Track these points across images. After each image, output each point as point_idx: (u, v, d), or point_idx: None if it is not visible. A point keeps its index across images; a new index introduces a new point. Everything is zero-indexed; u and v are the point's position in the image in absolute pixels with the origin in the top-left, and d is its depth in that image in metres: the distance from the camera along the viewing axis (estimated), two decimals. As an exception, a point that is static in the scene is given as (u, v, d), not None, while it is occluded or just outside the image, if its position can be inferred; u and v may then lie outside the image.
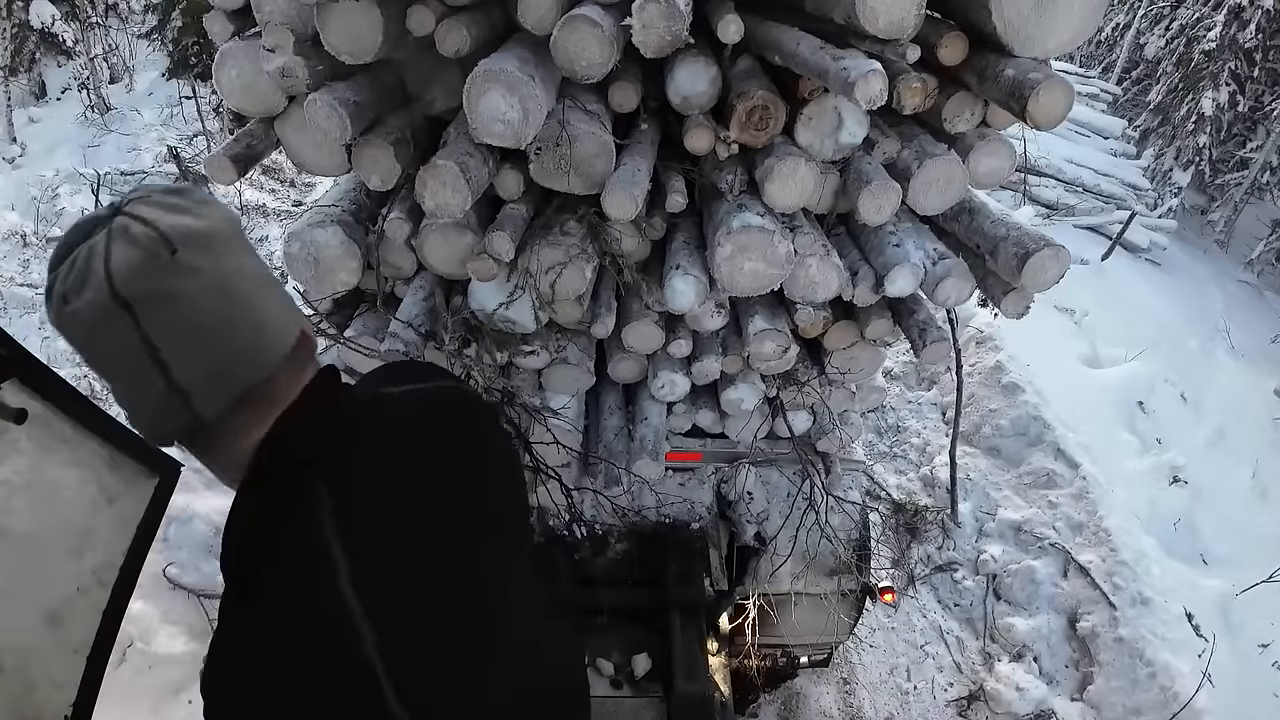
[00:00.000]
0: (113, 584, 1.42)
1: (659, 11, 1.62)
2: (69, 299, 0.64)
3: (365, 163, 1.87)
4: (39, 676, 1.29)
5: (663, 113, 2.07)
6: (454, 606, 0.80)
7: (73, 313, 0.64)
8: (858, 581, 2.88)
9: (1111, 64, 13.49)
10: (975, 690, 3.85)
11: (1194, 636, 3.99)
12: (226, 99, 2.02)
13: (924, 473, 5.10)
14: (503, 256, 1.97)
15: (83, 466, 1.37)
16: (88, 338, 0.66)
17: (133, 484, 1.48)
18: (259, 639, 0.70)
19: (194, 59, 7.71)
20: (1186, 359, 6.99)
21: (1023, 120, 1.70)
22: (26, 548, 1.28)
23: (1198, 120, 10.48)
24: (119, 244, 0.64)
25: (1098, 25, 1.69)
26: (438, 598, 0.78)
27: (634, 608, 2.72)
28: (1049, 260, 1.92)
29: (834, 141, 1.92)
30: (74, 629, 1.36)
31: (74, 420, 1.34)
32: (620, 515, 2.76)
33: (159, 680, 3.13)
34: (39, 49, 9.73)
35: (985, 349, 5.83)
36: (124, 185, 7.49)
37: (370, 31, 1.71)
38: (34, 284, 5.96)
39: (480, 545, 0.89)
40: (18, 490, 1.26)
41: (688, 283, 1.99)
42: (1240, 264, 10.58)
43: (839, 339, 2.41)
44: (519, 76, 1.60)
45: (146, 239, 0.65)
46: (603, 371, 2.48)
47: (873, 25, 1.60)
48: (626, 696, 2.51)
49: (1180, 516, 5.08)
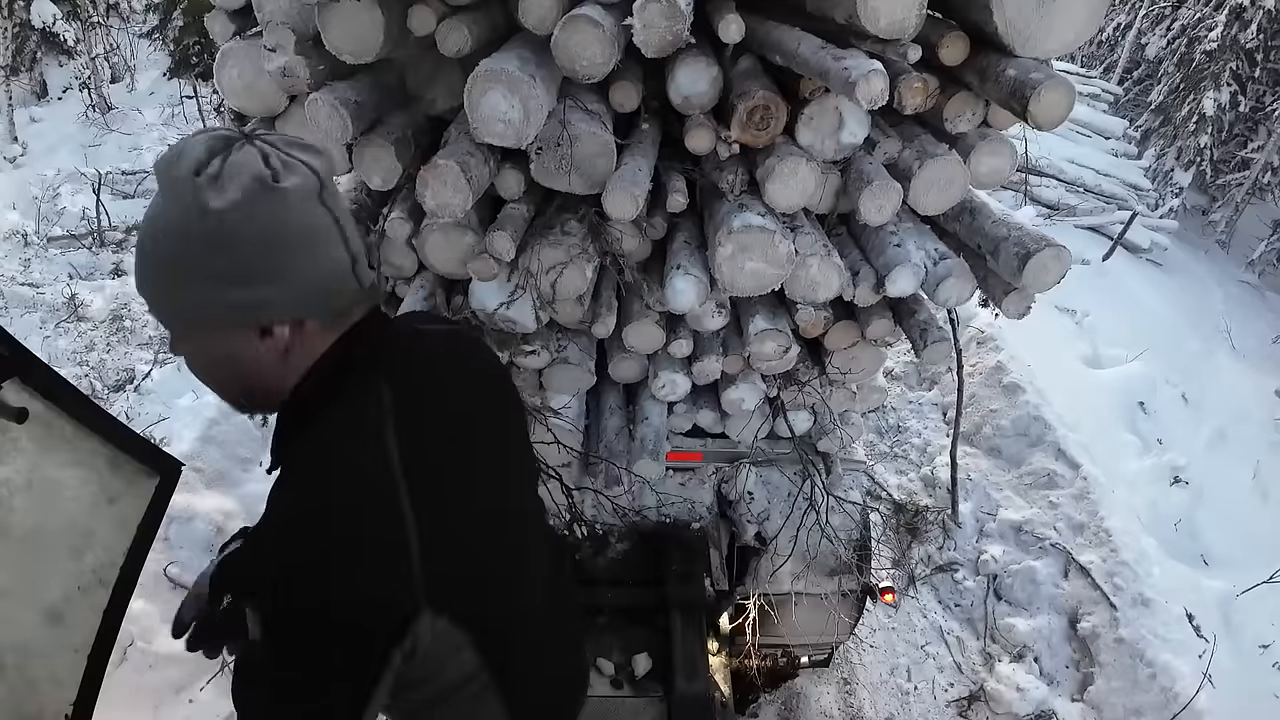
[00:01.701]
0: (113, 583, 1.42)
1: (660, 11, 1.62)
2: (279, 178, 0.75)
3: (366, 162, 1.87)
4: (39, 675, 1.29)
5: (664, 112, 2.07)
6: (495, 504, 0.93)
7: (285, 191, 0.75)
8: (858, 581, 2.87)
9: (1113, 64, 13.47)
10: (976, 690, 3.84)
11: (1195, 637, 3.98)
12: (228, 98, 2.02)
13: (925, 473, 5.09)
14: (503, 256, 1.97)
15: (83, 466, 1.37)
16: (289, 214, 0.76)
17: (133, 483, 1.48)
18: (304, 497, 0.78)
19: (195, 58, 7.72)
20: (1188, 359, 6.98)
21: (1024, 120, 1.70)
22: (27, 547, 1.29)
23: (1199, 120, 10.46)
24: (300, 150, 0.79)
25: (1099, 25, 1.69)
26: (483, 496, 0.91)
27: (634, 607, 2.71)
28: (1050, 260, 1.91)
29: (835, 141, 1.92)
30: (75, 628, 1.36)
31: (75, 420, 1.34)
32: (621, 515, 2.76)
33: (160, 679, 3.13)
34: (40, 48, 9.73)
35: (986, 349, 5.82)
36: (125, 185, 7.50)
37: (371, 31, 1.71)
38: (35, 283, 5.97)
39: (514, 460, 1.05)
40: (18, 489, 1.26)
41: (689, 282, 1.99)
42: (1241, 264, 10.56)
43: (840, 339, 2.41)
44: (520, 76, 1.60)
45: (321, 148, 0.82)
46: (603, 371, 2.48)
47: (874, 25, 1.60)
48: (626, 696, 2.51)
49: (1181, 517, 5.07)
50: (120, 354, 5.39)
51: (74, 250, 6.59)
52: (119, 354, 5.39)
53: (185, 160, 0.73)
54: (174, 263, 0.75)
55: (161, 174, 0.75)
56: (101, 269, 6.45)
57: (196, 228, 0.72)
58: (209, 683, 3.13)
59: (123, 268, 6.44)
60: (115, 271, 6.40)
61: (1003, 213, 2.10)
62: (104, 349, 5.41)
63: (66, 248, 6.61)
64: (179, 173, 0.73)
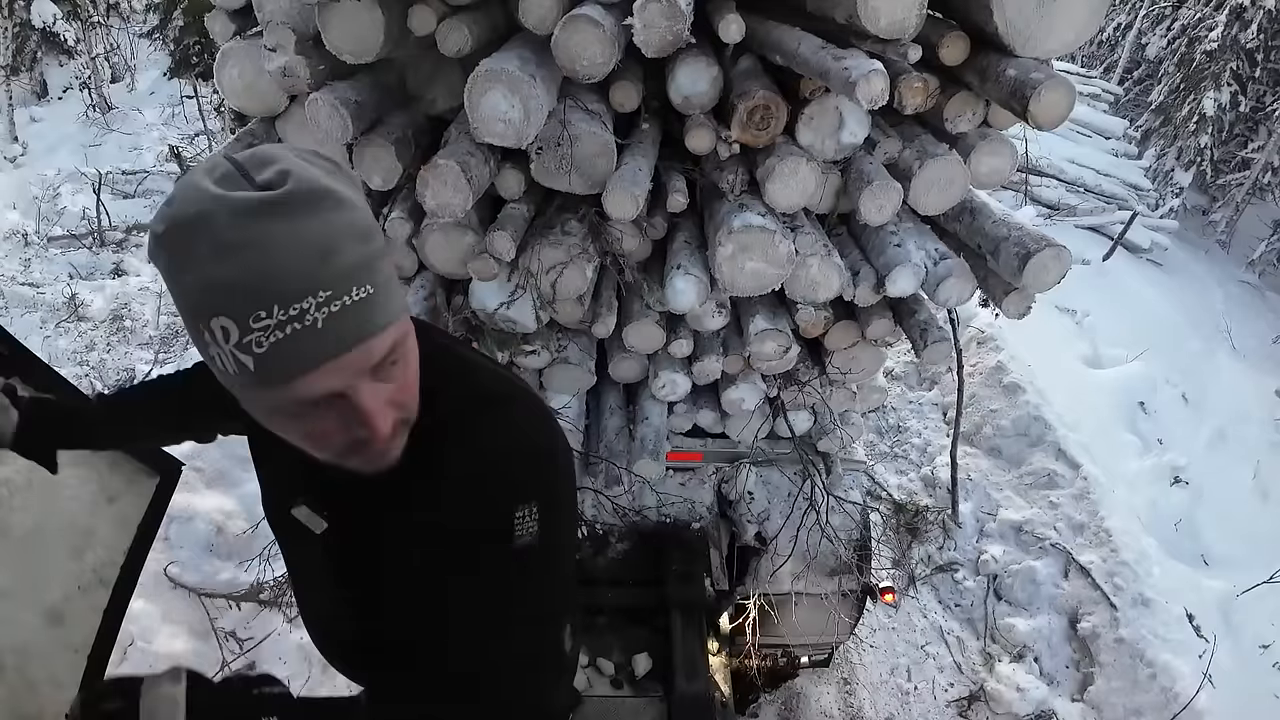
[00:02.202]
0: (114, 583, 1.42)
1: (660, 11, 1.62)
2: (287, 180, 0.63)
3: (366, 162, 1.87)
4: (39, 675, 1.29)
5: (664, 112, 2.07)
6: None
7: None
8: (858, 581, 2.87)
9: (1113, 64, 13.47)
10: (976, 691, 3.84)
11: (1195, 637, 3.98)
12: (228, 98, 2.03)
13: (925, 473, 5.09)
14: (504, 256, 1.97)
15: (84, 466, 1.37)
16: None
17: (134, 483, 1.48)
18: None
19: (195, 58, 7.72)
20: (1188, 359, 6.98)
21: (1024, 120, 1.70)
22: (27, 547, 1.29)
23: (1199, 120, 10.46)
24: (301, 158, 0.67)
25: (1099, 25, 1.69)
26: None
27: (634, 607, 2.71)
28: (1050, 260, 1.91)
29: (835, 141, 1.92)
30: (75, 628, 1.36)
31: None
32: (621, 515, 2.76)
33: (160, 679, 3.13)
34: (40, 48, 9.74)
35: (986, 349, 5.82)
36: (125, 184, 7.50)
37: (372, 31, 1.71)
38: (35, 283, 5.96)
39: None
40: (19, 489, 1.26)
41: (689, 282, 1.99)
42: (1242, 264, 10.57)
43: (840, 339, 2.41)
44: (520, 76, 1.60)
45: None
46: (603, 371, 2.48)
47: (874, 25, 1.60)
48: (626, 696, 2.51)
49: (1181, 517, 5.07)
50: (120, 354, 5.38)
51: (74, 250, 6.59)
52: (119, 354, 5.38)
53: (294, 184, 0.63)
54: (366, 242, 0.66)
55: (306, 192, 0.63)
56: (102, 269, 6.45)
57: (356, 216, 0.66)
58: (209, 682, 3.13)
59: (123, 267, 6.44)
60: (116, 271, 6.40)
61: (1003, 213, 2.10)
62: (104, 349, 5.41)
63: (67, 247, 6.61)
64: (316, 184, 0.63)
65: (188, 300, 0.62)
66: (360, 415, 0.69)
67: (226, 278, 0.60)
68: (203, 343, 0.63)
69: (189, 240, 0.61)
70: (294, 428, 0.70)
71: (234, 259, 0.59)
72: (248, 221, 0.60)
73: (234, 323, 0.60)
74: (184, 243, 0.61)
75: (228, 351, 0.62)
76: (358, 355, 0.66)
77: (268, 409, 0.68)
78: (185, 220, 0.61)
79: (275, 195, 0.61)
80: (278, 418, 0.69)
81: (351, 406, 0.68)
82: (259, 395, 0.66)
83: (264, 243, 0.60)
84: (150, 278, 6.22)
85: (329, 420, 0.69)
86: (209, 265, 0.60)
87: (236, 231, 0.60)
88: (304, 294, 0.61)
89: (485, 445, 0.82)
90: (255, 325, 0.60)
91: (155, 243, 0.63)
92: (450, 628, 0.85)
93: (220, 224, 0.60)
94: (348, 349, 0.65)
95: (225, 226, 0.60)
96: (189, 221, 0.61)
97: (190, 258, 0.61)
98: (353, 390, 0.67)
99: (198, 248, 0.60)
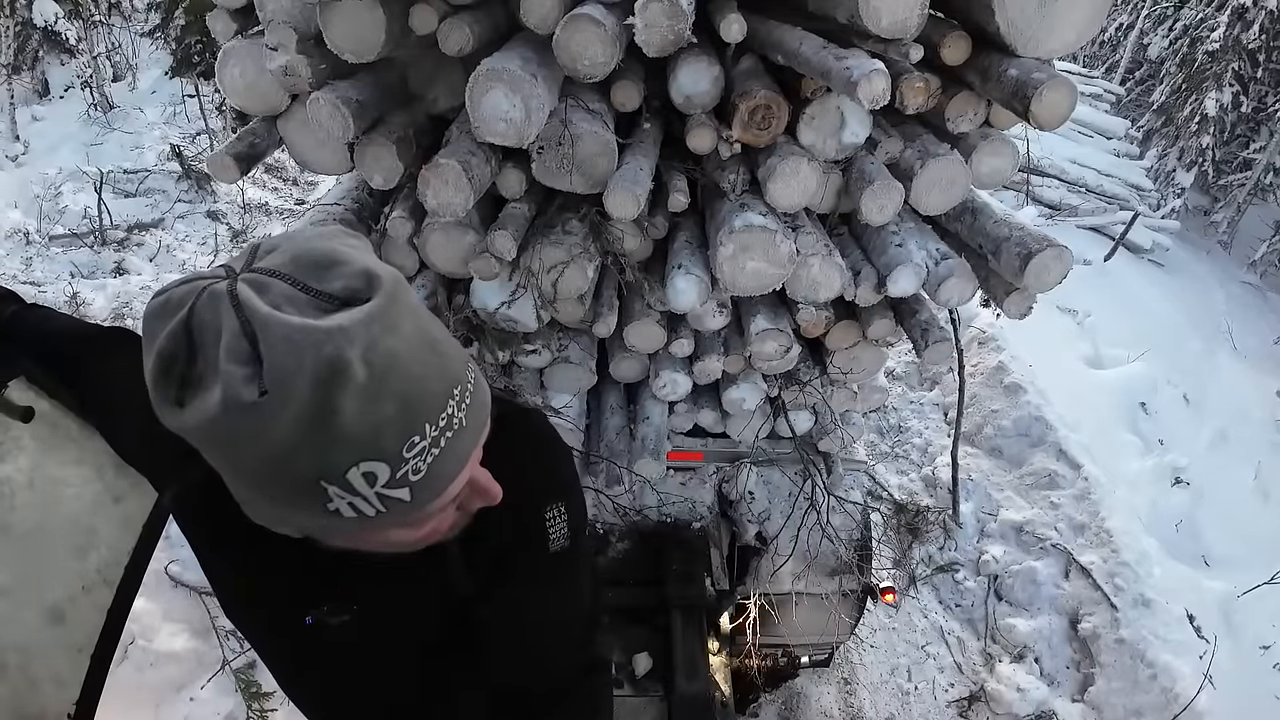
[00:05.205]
0: (117, 583, 1.42)
1: (662, 10, 1.62)
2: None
3: (368, 161, 1.87)
4: (42, 674, 1.30)
5: (665, 112, 2.07)
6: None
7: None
8: (859, 581, 2.87)
9: (1115, 64, 13.46)
10: (976, 691, 3.84)
11: (1195, 638, 3.98)
12: (229, 97, 2.02)
13: (926, 473, 5.09)
14: (505, 255, 1.97)
15: (88, 465, 1.37)
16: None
17: (138, 483, 1.47)
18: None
19: (197, 57, 7.72)
20: (1189, 360, 6.97)
21: (1026, 120, 1.69)
22: (30, 546, 1.29)
23: (1201, 121, 10.46)
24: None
25: (1101, 25, 1.69)
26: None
27: (635, 607, 2.71)
28: (1052, 261, 1.91)
29: (837, 141, 1.92)
30: (77, 627, 1.36)
31: (80, 419, 1.34)
32: (621, 514, 2.76)
33: (161, 678, 3.13)
34: (42, 47, 9.72)
35: (987, 349, 5.81)
36: (127, 183, 7.51)
37: (373, 30, 1.71)
38: (36, 282, 5.97)
39: None
40: (22, 488, 1.26)
41: (690, 282, 1.99)
42: (1243, 265, 10.56)
43: (841, 339, 2.41)
44: (521, 75, 1.60)
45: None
46: (604, 371, 2.48)
47: (875, 25, 1.60)
48: (627, 696, 2.51)
49: (1182, 518, 5.07)
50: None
51: (76, 249, 6.60)
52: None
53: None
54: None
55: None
56: (103, 267, 6.45)
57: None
58: (209, 681, 3.14)
59: (124, 266, 6.44)
60: (117, 270, 6.41)
61: (1004, 213, 2.10)
62: (105, 348, 5.41)
63: (68, 246, 6.62)
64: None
65: (294, 466, 0.50)
66: (482, 489, 0.63)
67: (371, 420, 0.49)
68: (315, 505, 0.52)
69: (310, 392, 0.47)
70: (405, 536, 0.60)
71: (375, 396, 0.49)
72: (367, 346, 0.48)
73: (384, 463, 0.51)
74: (298, 399, 0.47)
75: (371, 495, 0.52)
76: (484, 432, 0.59)
77: (383, 532, 0.58)
78: (291, 370, 0.47)
79: (376, 306, 0.50)
80: (391, 534, 0.59)
81: (473, 485, 0.62)
82: (389, 524, 0.56)
83: (391, 364, 0.50)
84: (152, 277, 6.23)
85: (449, 512, 0.61)
86: (349, 415, 0.48)
87: (364, 366, 0.48)
88: (445, 399, 0.54)
89: (510, 456, 0.74)
90: (410, 454, 0.52)
91: (243, 413, 0.47)
92: (506, 646, 0.80)
93: (344, 361, 0.47)
94: (481, 430, 0.58)
95: (352, 361, 0.48)
96: (301, 370, 0.47)
97: (306, 416, 0.48)
98: (474, 468, 0.61)
99: (332, 399, 0.48)
